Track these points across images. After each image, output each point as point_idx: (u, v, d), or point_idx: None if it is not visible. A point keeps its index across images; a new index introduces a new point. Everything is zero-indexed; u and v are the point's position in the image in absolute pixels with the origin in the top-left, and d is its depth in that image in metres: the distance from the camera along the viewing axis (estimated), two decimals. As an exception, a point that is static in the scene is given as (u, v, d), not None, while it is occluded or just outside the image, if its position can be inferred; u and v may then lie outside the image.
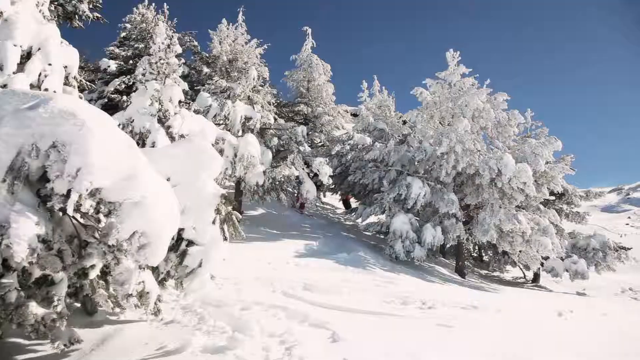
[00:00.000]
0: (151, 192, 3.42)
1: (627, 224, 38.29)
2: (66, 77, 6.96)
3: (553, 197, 16.94)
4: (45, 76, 5.94)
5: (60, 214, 3.47)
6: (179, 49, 9.41)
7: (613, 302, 13.52)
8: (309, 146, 16.76)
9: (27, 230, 2.87)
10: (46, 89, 5.85)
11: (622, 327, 8.12)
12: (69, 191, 2.96)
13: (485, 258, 19.27)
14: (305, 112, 20.32)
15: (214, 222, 4.65)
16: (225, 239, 4.81)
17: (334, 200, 22.47)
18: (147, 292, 3.98)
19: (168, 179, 4.28)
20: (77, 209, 3.09)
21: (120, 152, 3.36)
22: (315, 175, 13.80)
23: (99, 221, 3.61)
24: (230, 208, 4.94)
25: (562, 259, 15.52)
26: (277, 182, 12.62)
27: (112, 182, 3.18)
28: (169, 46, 9.04)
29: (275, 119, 14.26)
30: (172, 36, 9.42)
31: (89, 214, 3.27)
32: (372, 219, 15.57)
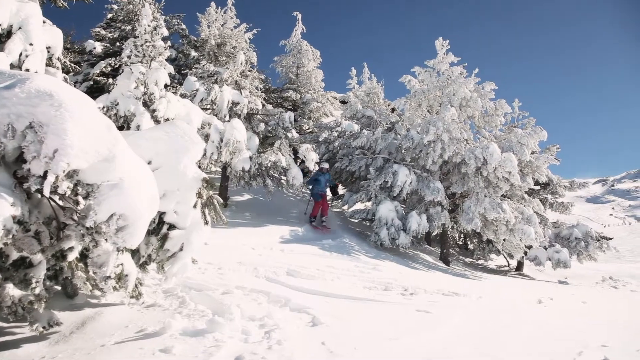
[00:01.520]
0: (130, 174, 3.41)
1: (611, 215, 39.04)
2: (49, 59, 6.84)
3: (538, 187, 17.17)
4: (27, 56, 5.83)
5: (38, 195, 3.45)
6: (166, 32, 9.29)
7: (593, 290, 13.77)
8: (297, 132, 16.70)
9: (2, 211, 2.85)
10: (27, 70, 5.76)
11: (600, 314, 8.32)
12: (45, 172, 2.94)
13: (470, 246, 19.50)
14: (294, 99, 20.21)
15: (195, 206, 4.64)
16: (206, 223, 4.81)
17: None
18: (126, 275, 3.99)
19: (149, 163, 4.26)
20: (54, 190, 3.07)
21: (99, 134, 3.34)
22: (303, 162, 13.75)
23: (77, 203, 3.60)
24: (211, 192, 4.93)
25: (546, 248, 15.76)
26: (264, 168, 12.56)
27: (90, 164, 3.16)
28: (155, 28, 8.91)
29: (263, 105, 14.16)
30: (159, 18, 9.29)
31: (67, 195, 3.25)
32: (359, 205, 15.62)
